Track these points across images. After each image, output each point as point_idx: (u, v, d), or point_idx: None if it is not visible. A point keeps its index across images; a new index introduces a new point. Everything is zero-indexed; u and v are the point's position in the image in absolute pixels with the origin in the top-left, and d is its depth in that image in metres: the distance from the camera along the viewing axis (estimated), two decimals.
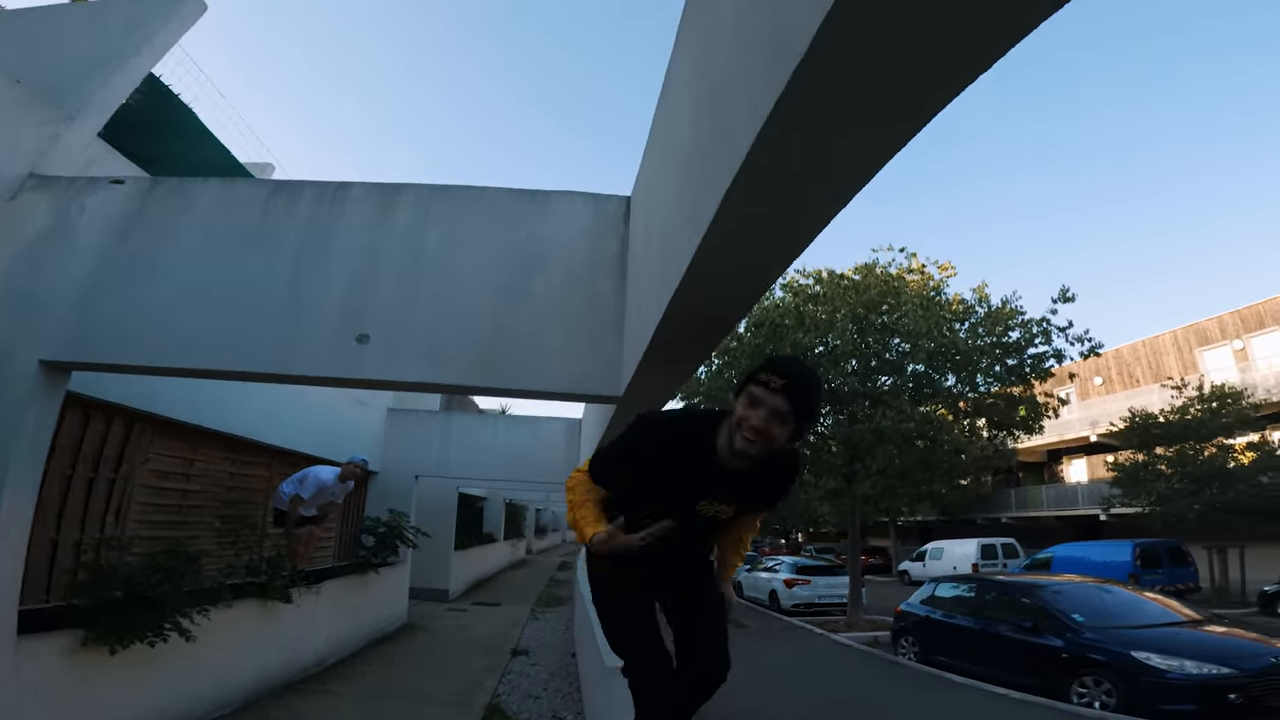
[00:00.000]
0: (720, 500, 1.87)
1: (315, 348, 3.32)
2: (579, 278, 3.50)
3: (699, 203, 1.87)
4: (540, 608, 12.89)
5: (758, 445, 1.65)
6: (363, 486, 10.99)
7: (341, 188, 3.82)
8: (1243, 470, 15.08)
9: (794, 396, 1.62)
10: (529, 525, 29.84)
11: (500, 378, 3.27)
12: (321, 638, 6.90)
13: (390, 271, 3.53)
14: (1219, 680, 5.57)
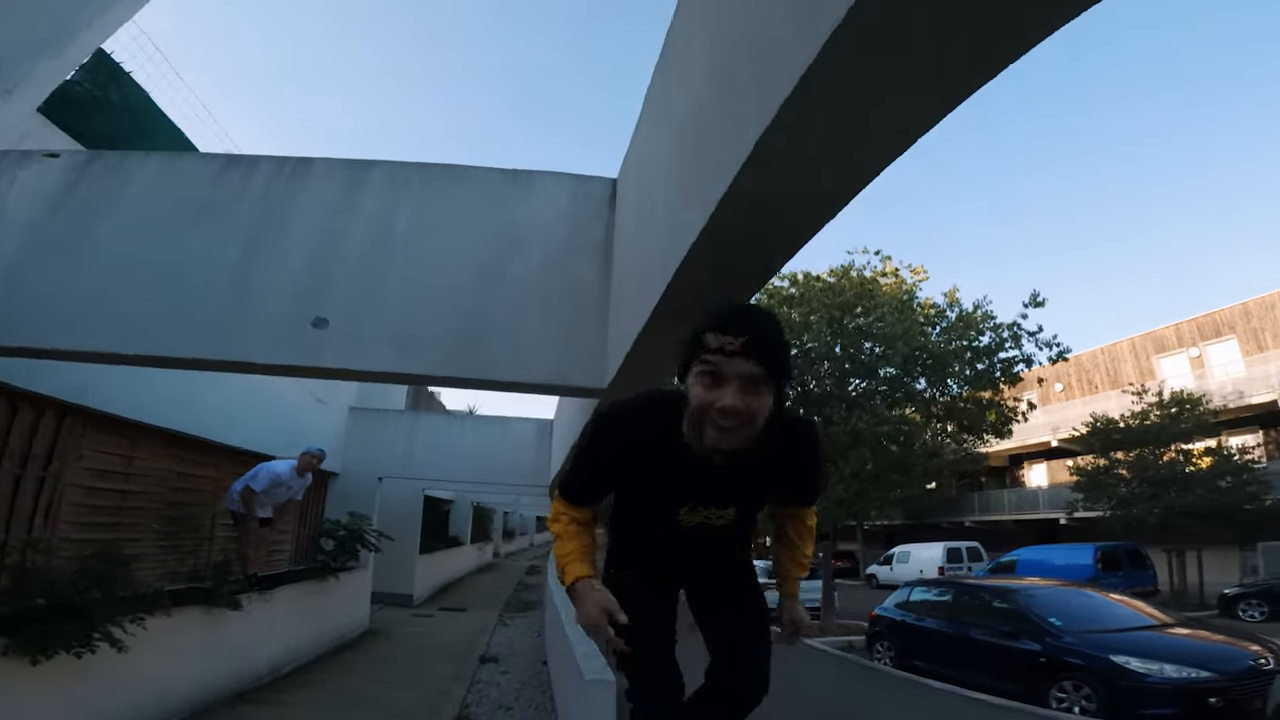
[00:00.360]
0: (707, 503, 1.50)
1: (265, 332, 3.01)
2: (560, 263, 3.25)
3: (705, 183, 1.68)
4: (509, 613, 12.54)
5: (739, 432, 1.26)
6: (322, 488, 10.58)
7: (303, 163, 3.52)
8: (1201, 475, 15.44)
9: (761, 351, 1.23)
10: (497, 528, 29.39)
11: (474, 368, 3.00)
12: (277, 645, 6.59)
13: (355, 252, 3.24)
14: (1199, 684, 5.55)
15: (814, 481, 1.67)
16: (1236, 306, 19.30)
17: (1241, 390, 17.91)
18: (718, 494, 1.50)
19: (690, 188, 1.85)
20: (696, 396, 1.28)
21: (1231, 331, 19.32)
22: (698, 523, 1.54)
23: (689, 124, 1.94)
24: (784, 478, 1.57)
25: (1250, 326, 18.65)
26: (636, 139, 2.85)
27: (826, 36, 1.00)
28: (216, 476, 6.91)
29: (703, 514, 1.53)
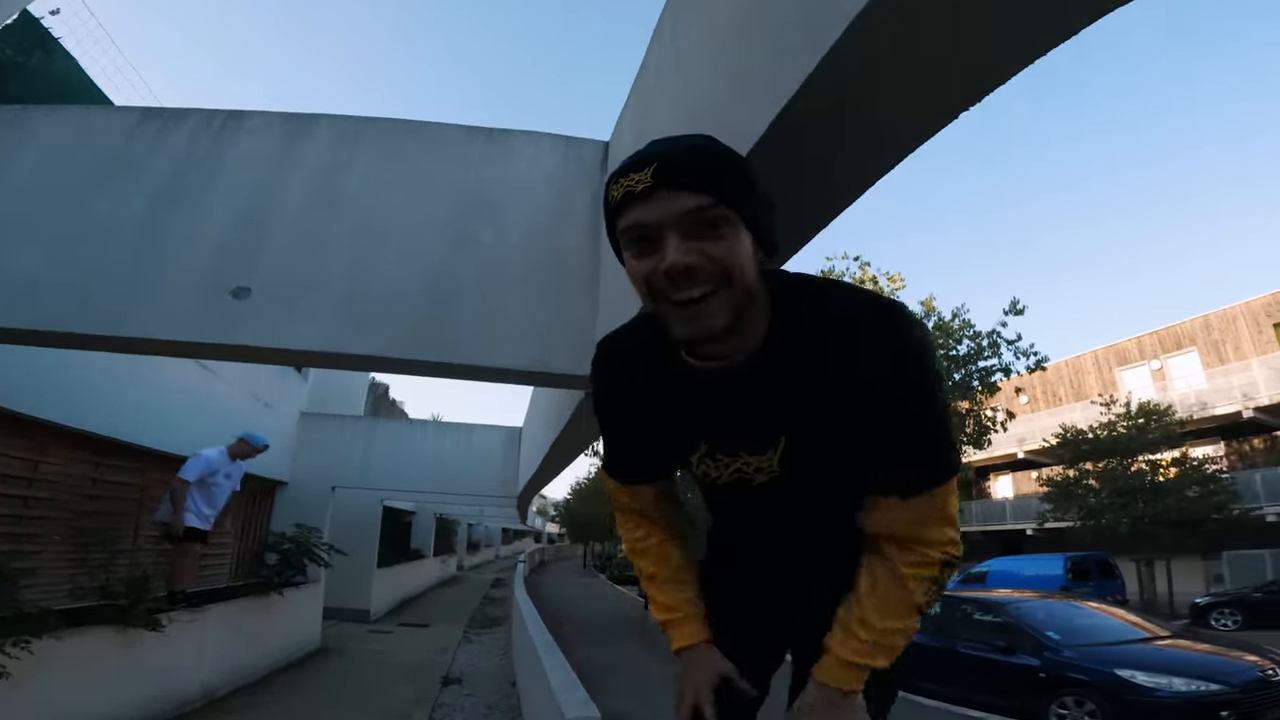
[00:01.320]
0: (732, 445, 1.00)
1: (171, 305, 2.45)
2: (543, 231, 2.76)
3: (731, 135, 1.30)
4: (474, 629, 11.86)
5: (711, 305, 0.81)
6: (269, 498, 9.83)
7: (235, 116, 2.98)
8: (1170, 484, 15.55)
9: (687, 172, 0.80)
10: (461, 541, 28.53)
11: (438, 350, 2.48)
12: (210, 667, 5.99)
13: (292, 214, 2.70)
14: (1210, 697, 5.31)
15: (893, 422, 0.89)
16: (1197, 319, 19.66)
17: (1204, 402, 18.17)
18: (740, 426, 0.97)
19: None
20: (634, 275, 0.85)
21: (1192, 344, 19.65)
22: (732, 478, 1.02)
23: (700, 84, 1.54)
24: (837, 398, 0.89)
25: (1211, 339, 18.99)
26: (635, 99, 2.39)
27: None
28: (142, 484, 6.18)
29: (730, 464, 1.01)
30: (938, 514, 0.93)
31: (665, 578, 1.16)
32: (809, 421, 0.93)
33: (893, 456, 0.92)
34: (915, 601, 0.95)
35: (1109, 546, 16.74)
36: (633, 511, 1.18)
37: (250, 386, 8.44)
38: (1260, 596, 12.49)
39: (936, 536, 0.94)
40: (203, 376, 7.08)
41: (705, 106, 1.48)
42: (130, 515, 6.02)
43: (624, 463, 1.15)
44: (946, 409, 0.93)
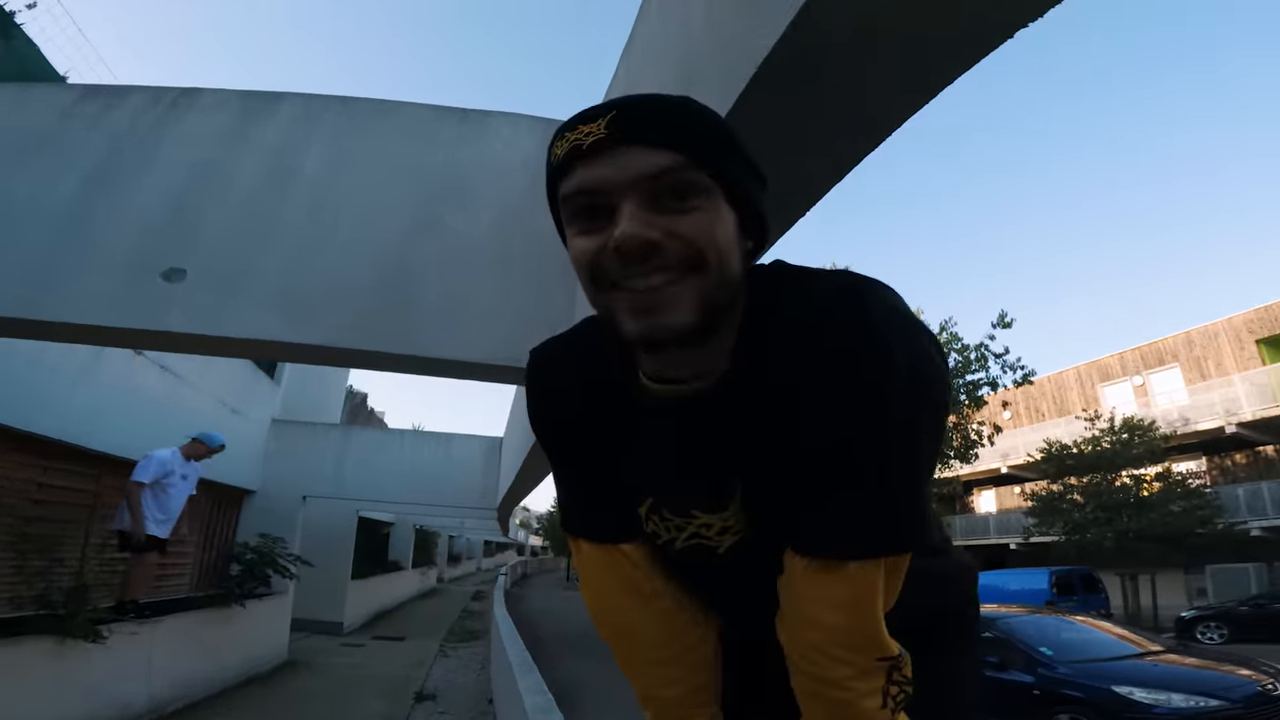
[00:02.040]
0: (682, 501, 0.75)
1: (90, 286, 2.21)
2: (517, 214, 2.54)
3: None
4: (451, 642, 11.50)
5: (674, 293, 0.59)
6: (235, 507, 9.47)
7: (188, 94, 2.74)
8: (1154, 499, 15.57)
9: (653, 125, 0.59)
10: (441, 553, 28.06)
11: (395, 340, 2.23)
12: (161, 680, 5.72)
13: (239, 194, 2.46)
14: (1210, 713, 5.16)
15: (838, 466, 0.63)
16: (1179, 335, 19.81)
17: (1186, 417, 18.26)
18: (694, 473, 0.72)
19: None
20: (575, 253, 0.63)
21: (1175, 360, 19.79)
22: (688, 545, 0.76)
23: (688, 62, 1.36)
24: (785, 437, 0.65)
25: (1193, 355, 19.13)
26: (624, 76, 2.19)
27: None
28: (94, 490, 5.85)
29: (684, 526, 0.75)
30: (876, 597, 0.66)
31: (674, 700, 0.85)
32: (770, 461, 0.67)
33: (842, 499, 0.64)
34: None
35: (1093, 561, 16.72)
36: (621, 589, 0.83)
37: (218, 391, 8.12)
38: (1246, 610, 12.49)
39: (871, 631, 0.67)
40: (165, 380, 6.76)
41: (697, 57, 1.28)
42: (81, 522, 5.71)
43: (590, 513, 0.84)
44: (930, 454, 0.65)
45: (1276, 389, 16.28)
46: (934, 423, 0.63)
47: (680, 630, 0.84)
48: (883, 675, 0.68)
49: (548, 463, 3.12)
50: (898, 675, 0.69)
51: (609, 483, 0.79)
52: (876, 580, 0.65)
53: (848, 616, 0.66)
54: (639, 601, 0.83)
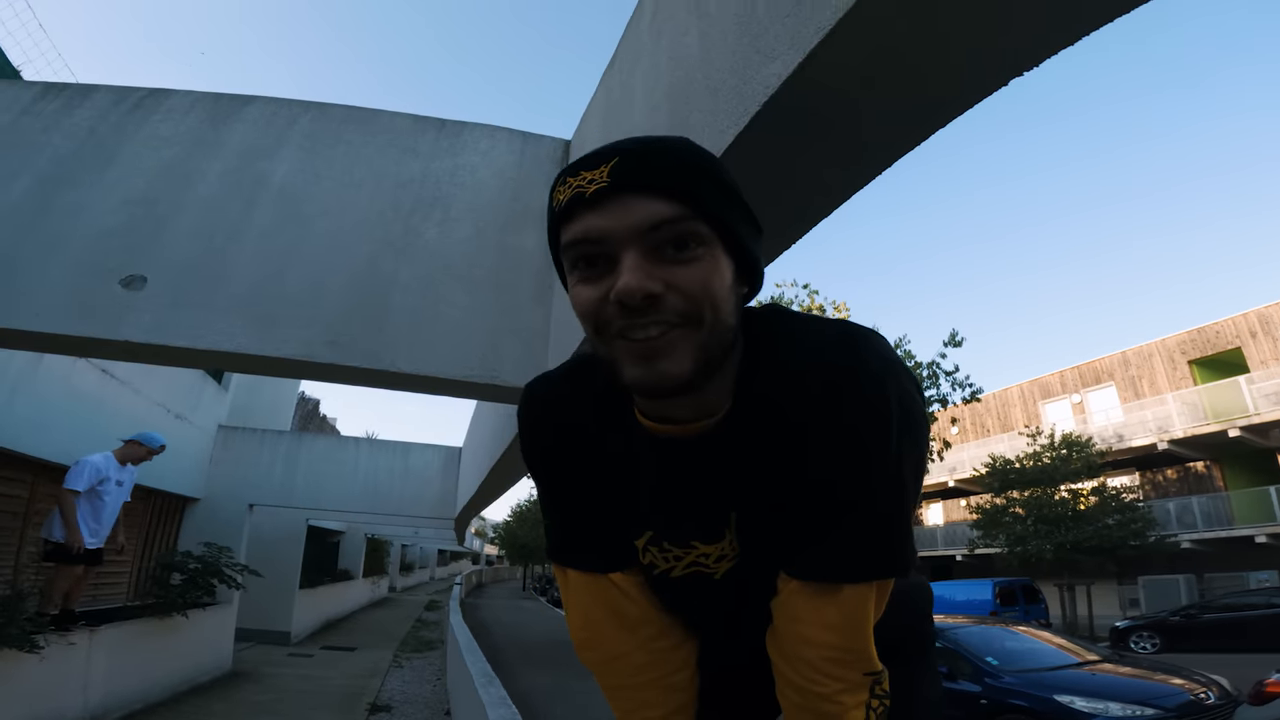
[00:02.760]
0: (681, 532, 0.77)
1: (47, 291, 2.09)
2: (494, 231, 2.52)
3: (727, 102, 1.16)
4: (405, 653, 11.24)
5: (672, 342, 0.60)
6: (176, 515, 9.09)
7: (154, 95, 2.65)
8: (1091, 512, 16.22)
9: (655, 172, 0.60)
10: (393, 562, 27.39)
11: (367, 355, 2.19)
12: (98, 690, 5.53)
13: (202, 199, 2.38)
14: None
15: (833, 500, 0.69)
16: (1115, 356, 20.77)
17: (1121, 434, 19.13)
18: (694, 508, 0.75)
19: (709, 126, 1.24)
20: (579, 305, 0.63)
21: (1111, 379, 20.73)
22: (687, 572, 0.79)
23: (682, 91, 1.39)
24: (778, 473, 0.70)
25: (1128, 375, 20.07)
26: (605, 93, 2.20)
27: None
28: (28, 498, 5.57)
29: (684, 556, 0.78)
30: (867, 618, 0.71)
31: (613, 688, 0.88)
32: (754, 493, 0.72)
33: (837, 529, 0.69)
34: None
35: (1033, 572, 17.32)
36: (608, 617, 0.84)
37: (162, 397, 7.80)
38: (1177, 620, 13.04)
39: (860, 648, 0.72)
40: (106, 384, 6.47)
41: (692, 84, 1.30)
42: (15, 530, 5.41)
43: (581, 544, 0.85)
44: (915, 488, 0.70)
45: (1206, 408, 17.19)
46: (918, 458, 0.69)
47: (663, 655, 0.86)
48: (868, 690, 0.73)
49: (512, 475, 3.14)
50: (879, 690, 0.75)
51: (602, 516, 0.81)
52: (869, 601, 0.70)
53: (841, 635, 0.71)
54: (624, 629, 0.84)
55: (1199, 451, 17.79)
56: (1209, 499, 17.18)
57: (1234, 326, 17.57)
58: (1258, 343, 16.94)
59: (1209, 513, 17.03)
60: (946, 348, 12.13)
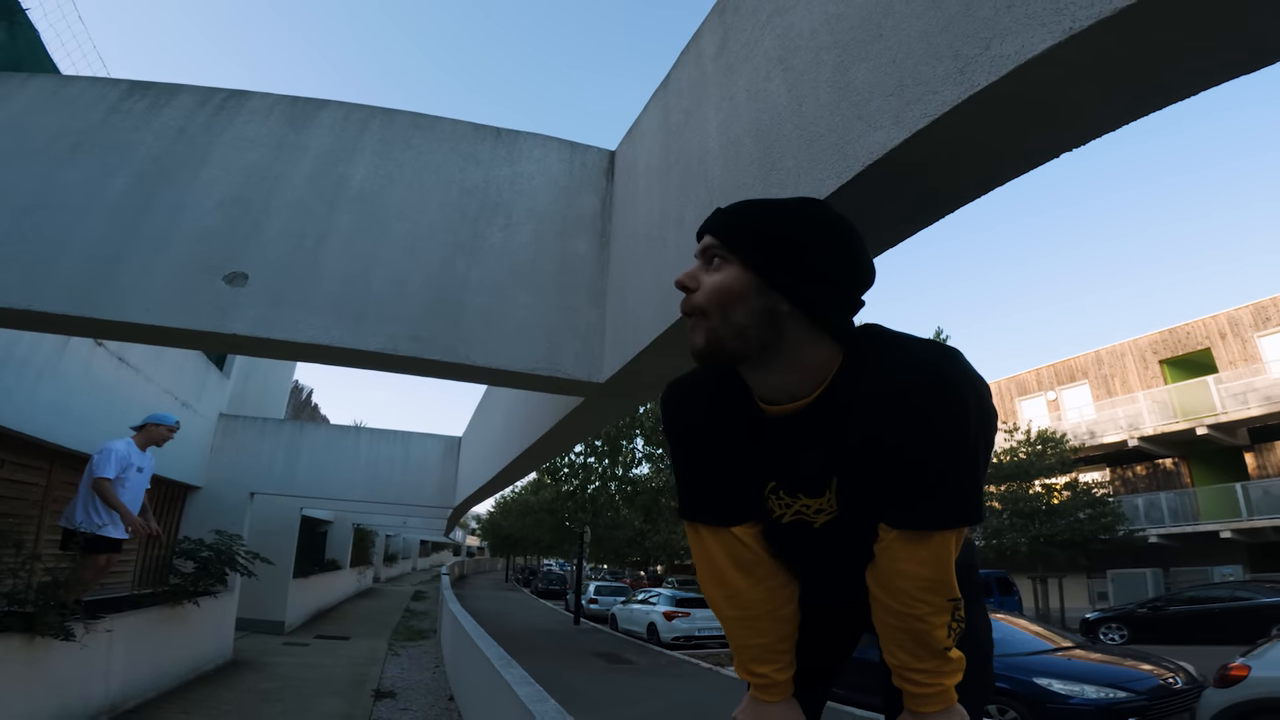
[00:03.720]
0: (792, 485, 1.02)
1: (155, 286, 2.29)
2: (550, 235, 2.75)
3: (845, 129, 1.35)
4: (399, 641, 11.41)
5: (700, 323, 0.93)
6: (179, 503, 9.16)
7: (235, 96, 2.83)
8: (1064, 506, 16.77)
9: (714, 223, 0.97)
10: (379, 552, 27.37)
11: (446, 349, 2.41)
12: (118, 679, 5.60)
13: (291, 201, 2.58)
14: (1119, 704, 5.67)
15: (924, 466, 0.91)
16: (1089, 354, 21.42)
17: (1093, 431, 19.78)
18: (796, 469, 1.01)
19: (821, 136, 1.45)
20: None
21: (1085, 377, 21.37)
22: (794, 519, 1.04)
23: (767, 136, 1.63)
24: (877, 449, 0.93)
25: (1101, 373, 20.72)
26: (659, 113, 2.42)
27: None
28: (45, 485, 5.66)
29: (792, 504, 1.03)
30: (950, 556, 0.95)
31: (764, 646, 1.11)
32: (856, 467, 0.96)
33: (931, 492, 0.93)
34: (939, 647, 0.98)
35: (1008, 565, 17.84)
36: (731, 562, 1.09)
37: (169, 384, 7.88)
38: (1144, 612, 13.51)
39: (946, 579, 0.96)
40: (120, 371, 6.56)
41: (781, 130, 1.53)
42: (33, 517, 5.50)
43: (712, 503, 1.09)
44: (985, 464, 0.97)
45: (1176, 406, 17.84)
46: (988, 445, 0.95)
47: (773, 592, 1.11)
48: (949, 613, 0.98)
49: (531, 464, 3.43)
50: (958, 614, 0.99)
51: (729, 478, 1.06)
52: (951, 543, 0.95)
53: (932, 569, 0.95)
54: (744, 572, 1.09)
55: (1168, 449, 18.43)
56: (1176, 495, 17.81)
57: (1204, 328, 18.20)
58: (1227, 344, 17.58)
59: (1176, 508, 17.66)
60: None
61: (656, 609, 14.66)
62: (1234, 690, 5.01)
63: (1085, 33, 0.80)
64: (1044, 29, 0.85)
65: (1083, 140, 1.02)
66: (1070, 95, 0.93)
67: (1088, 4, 0.79)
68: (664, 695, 8.58)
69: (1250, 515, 16.12)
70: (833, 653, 1.27)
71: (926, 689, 1.00)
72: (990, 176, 1.16)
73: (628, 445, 15.28)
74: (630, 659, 11.68)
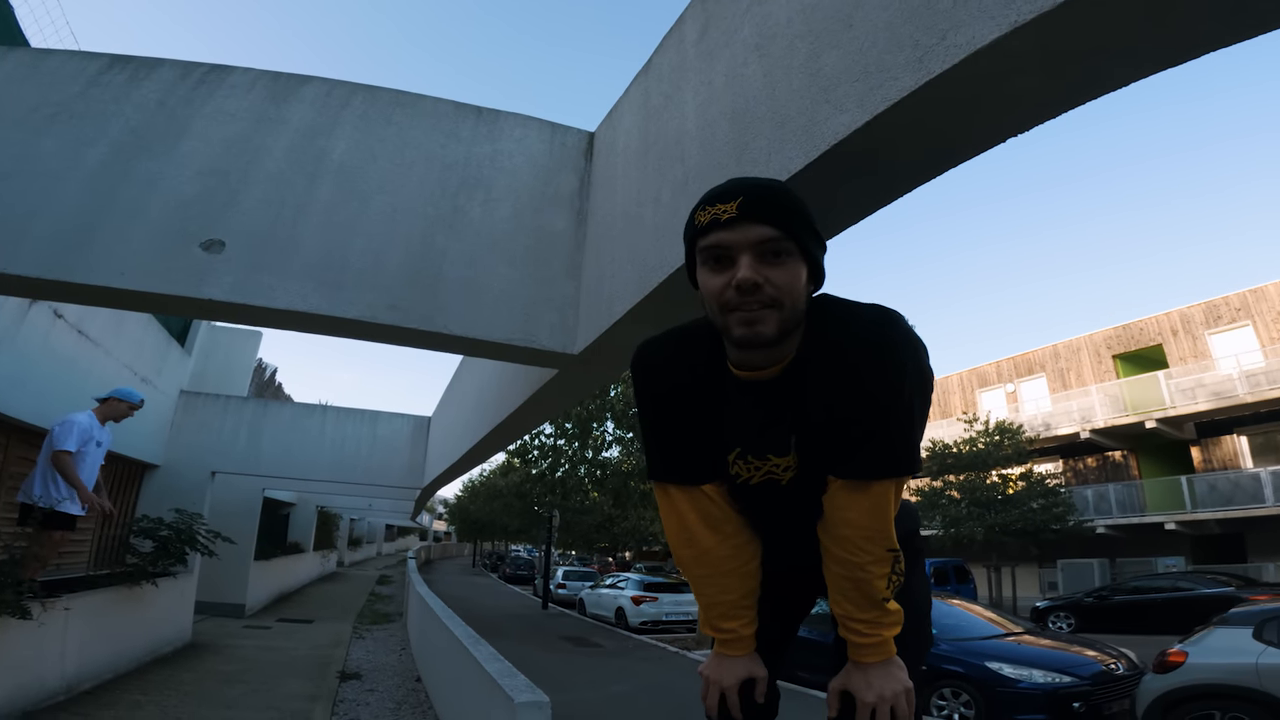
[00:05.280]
0: (761, 448, 1.10)
1: (129, 252, 2.29)
2: (529, 211, 2.80)
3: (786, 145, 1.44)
4: (364, 625, 11.36)
5: (771, 316, 0.97)
6: (136, 481, 8.96)
7: (217, 70, 2.83)
8: (1018, 496, 17.32)
9: (765, 208, 0.97)
10: (343, 535, 27.07)
11: (423, 318, 2.45)
12: (74, 660, 5.51)
13: (271, 172, 2.60)
14: (1064, 689, 5.90)
15: (867, 425, 1.01)
16: (1047, 348, 22.08)
17: (1048, 423, 20.44)
18: (767, 430, 1.09)
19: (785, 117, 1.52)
20: (708, 289, 1.01)
21: (1042, 370, 22.04)
22: (763, 479, 1.12)
23: (741, 116, 1.70)
24: (827, 407, 1.03)
25: (1058, 367, 21.40)
26: (639, 96, 2.48)
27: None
28: (2, 460, 5.52)
29: (761, 466, 1.10)
30: (888, 507, 1.05)
31: (731, 603, 1.19)
32: (815, 421, 1.05)
33: (869, 443, 1.03)
34: (879, 597, 1.08)
35: (964, 553, 18.38)
36: (700, 520, 1.17)
37: (129, 358, 7.70)
38: (1091, 601, 13.99)
39: (884, 529, 1.06)
40: (80, 344, 6.40)
41: (755, 113, 1.60)
42: None
43: (683, 463, 1.15)
44: (921, 420, 1.06)
45: (1127, 400, 18.52)
46: (924, 402, 1.07)
47: (740, 549, 1.20)
48: (889, 564, 1.08)
49: (494, 445, 3.54)
50: (898, 567, 1.10)
51: (698, 441, 1.14)
52: (889, 493, 1.06)
53: (871, 518, 1.06)
54: (712, 529, 1.18)
55: (1118, 441, 19.11)
56: (1124, 487, 18.51)
57: (1157, 325, 18.88)
58: (1178, 340, 18.27)
59: (1124, 500, 18.33)
60: None
61: (625, 594, 14.82)
62: (1171, 676, 5.20)
63: (1028, 25, 0.90)
64: (993, 21, 0.94)
65: (1026, 126, 1.12)
66: (1015, 83, 1.03)
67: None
68: (630, 677, 8.72)
69: (1194, 508, 16.74)
70: (790, 616, 1.39)
71: (867, 639, 1.10)
72: (942, 159, 1.26)
73: (598, 428, 15.33)
74: (598, 642, 11.81)
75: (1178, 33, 0.94)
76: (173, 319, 9.00)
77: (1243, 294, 17.32)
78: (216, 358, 12.28)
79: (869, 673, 1.10)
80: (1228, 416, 16.89)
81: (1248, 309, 17.10)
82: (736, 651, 1.20)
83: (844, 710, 1.13)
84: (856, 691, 1.10)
